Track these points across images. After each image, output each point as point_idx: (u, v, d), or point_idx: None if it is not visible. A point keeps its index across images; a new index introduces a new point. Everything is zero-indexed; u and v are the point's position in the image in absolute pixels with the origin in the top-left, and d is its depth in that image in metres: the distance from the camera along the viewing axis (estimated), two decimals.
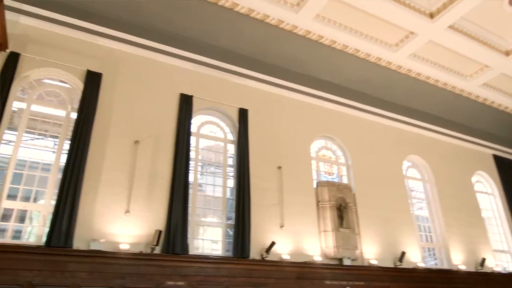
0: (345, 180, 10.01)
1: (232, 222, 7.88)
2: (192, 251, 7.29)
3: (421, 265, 9.60)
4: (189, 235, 7.20)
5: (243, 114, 8.89)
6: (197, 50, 8.85)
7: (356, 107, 10.90)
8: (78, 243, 6.19)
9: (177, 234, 6.92)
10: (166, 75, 8.41)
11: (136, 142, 7.42)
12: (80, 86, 7.36)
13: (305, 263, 7.98)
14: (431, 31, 9.27)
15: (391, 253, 9.32)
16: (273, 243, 7.63)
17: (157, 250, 6.72)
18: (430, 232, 10.84)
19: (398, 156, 11.16)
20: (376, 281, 8.57)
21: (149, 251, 6.65)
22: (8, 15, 6.61)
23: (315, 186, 9.26)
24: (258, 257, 7.60)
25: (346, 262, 8.40)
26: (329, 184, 9.23)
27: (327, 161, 10.19)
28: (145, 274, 6.40)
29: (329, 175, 10.03)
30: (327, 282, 7.97)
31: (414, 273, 9.30)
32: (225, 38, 9.07)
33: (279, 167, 8.82)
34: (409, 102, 11.75)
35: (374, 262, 8.84)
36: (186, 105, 8.21)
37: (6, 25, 6.53)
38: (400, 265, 9.14)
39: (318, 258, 8.20)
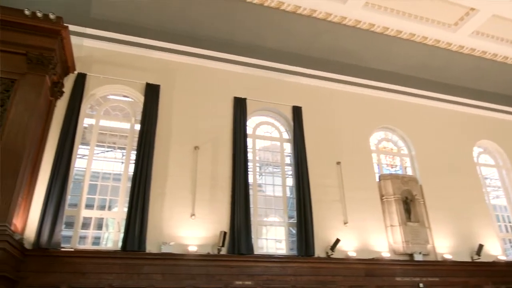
0: (409, 172, 9.54)
1: (294, 220, 7.87)
2: (257, 250, 7.39)
3: (502, 258, 8.86)
4: (253, 235, 7.31)
5: (297, 112, 8.85)
6: (247, 53, 8.98)
7: (416, 94, 10.36)
8: (150, 247, 6.55)
9: (241, 235, 7.06)
10: (219, 81, 8.63)
11: (196, 147, 7.69)
12: (141, 98, 7.79)
13: (373, 259, 7.73)
14: (494, 5, 8.54)
15: (466, 246, 8.71)
16: (337, 240, 7.50)
17: (224, 251, 6.91)
18: (510, 222, 9.97)
19: (467, 142, 10.42)
20: (452, 276, 8.06)
21: (215, 252, 6.86)
22: (73, 40, 7.19)
23: (377, 180, 8.94)
24: (323, 255, 7.51)
25: (417, 257, 7.99)
26: (393, 176, 8.86)
27: (389, 153, 9.79)
28: (214, 275, 6.61)
29: (392, 168, 9.64)
30: (398, 278, 7.66)
31: (495, 266, 8.61)
32: (273, 38, 9.10)
33: (338, 163, 8.64)
34: (474, 84, 10.93)
35: (448, 256, 8.32)
36: (240, 107, 8.36)
37: (72, 49, 7.12)
38: (478, 258, 8.51)
39: (386, 254, 7.91)
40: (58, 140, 6.79)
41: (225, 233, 6.88)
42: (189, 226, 7.01)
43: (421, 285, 7.69)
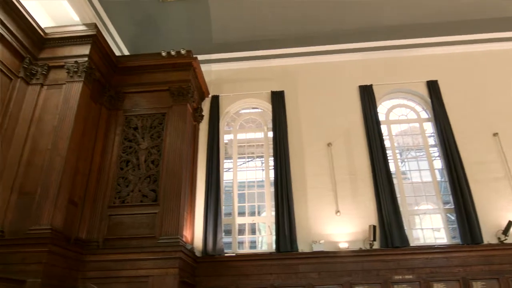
0: None
1: (451, 206, 7.10)
2: (413, 242, 6.90)
3: None
4: (406, 226, 6.86)
5: (432, 86, 8.02)
6: (362, 38, 8.56)
7: None
8: (302, 246, 6.76)
9: (392, 227, 6.71)
10: (340, 73, 8.45)
11: (329, 144, 7.67)
12: (269, 107, 8.18)
13: None
14: None
15: None
16: (510, 223, 6.47)
17: (376, 245, 6.67)
18: None
19: None
20: None
21: (367, 247, 6.67)
22: (203, 67, 8.03)
23: None
24: (494, 241, 6.57)
25: None
26: None
27: None
28: (371, 270, 6.43)
29: None
30: None
31: None
32: (388, 14, 8.43)
33: (495, 134, 7.48)
34: None
35: None
36: (367, 95, 8.01)
37: (204, 75, 7.94)
38: None
39: None
40: (206, 158, 7.63)
41: (374, 226, 6.64)
42: (335, 223, 6.99)
43: None
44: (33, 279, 4.78)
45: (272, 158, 7.64)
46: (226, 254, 6.86)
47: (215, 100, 8.24)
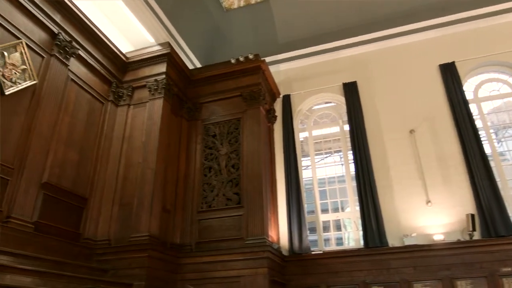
0: None
1: None
2: None
3: None
4: (510, 213, 6.17)
5: None
6: (435, 13, 7.91)
7: None
8: (392, 241, 6.45)
9: (494, 215, 6.08)
10: (415, 54, 7.91)
11: (411, 131, 7.22)
12: (342, 99, 7.97)
13: None
14: None
15: None
16: None
17: (476, 236, 6.11)
18: None
19: None
20: None
21: (466, 238, 6.14)
22: (271, 69, 8.12)
23: None
24: None
25: None
26: None
27: None
28: (472, 263, 5.90)
29: None
30: None
31: None
32: None
33: None
34: None
35: None
36: (450, 74, 7.38)
37: (273, 76, 8.01)
38: None
39: None
40: (284, 158, 7.68)
41: (472, 215, 6.09)
42: (427, 214, 6.56)
43: None
44: (139, 282, 5.26)
45: (351, 152, 7.42)
46: (313, 252, 6.83)
47: (287, 99, 8.27)
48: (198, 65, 8.93)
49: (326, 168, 8.07)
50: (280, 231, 7.15)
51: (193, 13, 8.23)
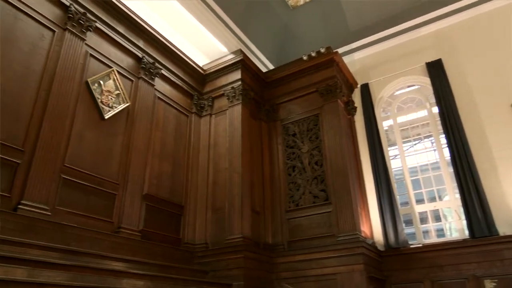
0: None
1: None
2: None
3: None
4: None
5: None
6: None
7: None
8: (503, 229, 5.80)
9: None
10: (510, 19, 7.02)
11: None
12: (427, 80, 7.41)
13: None
14: None
15: None
16: None
17: None
18: None
19: None
20: None
21: None
22: (345, 59, 7.90)
23: None
24: None
25: None
26: None
27: None
28: None
29: None
30: None
31: None
32: None
33: None
34: None
35: None
36: None
37: (348, 67, 7.77)
38: None
39: None
40: (368, 150, 7.38)
41: None
42: None
43: None
44: (237, 282, 5.48)
45: (443, 136, 6.85)
46: (411, 246, 6.45)
47: (365, 88, 7.94)
48: (271, 67, 9.04)
49: (416, 156, 7.56)
50: (373, 226, 6.88)
51: (260, 18, 8.37)
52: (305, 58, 7.41)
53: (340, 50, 8.01)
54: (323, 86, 7.19)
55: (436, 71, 7.25)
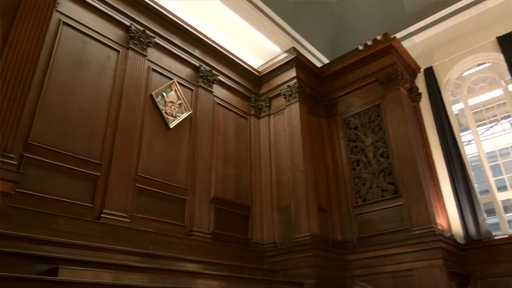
0: None
1: None
2: None
3: None
4: None
5: None
6: None
7: None
8: None
9: None
10: None
11: None
12: (499, 56, 6.78)
13: None
14: None
15: None
16: None
17: None
18: None
19: None
20: None
21: None
22: (405, 44, 7.51)
23: None
24: None
25: None
26: None
27: None
28: None
29: None
30: None
31: None
32: None
33: None
34: None
35: None
36: None
37: (408, 52, 7.37)
38: None
39: None
40: (438, 137, 6.93)
41: None
42: None
43: None
44: (309, 281, 5.44)
45: None
46: (495, 237, 5.93)
47: (429, 72, 7.47)
48: (326, 61, 8.87)
49: (494, 139, 6.94)
50: (449, 218, 6.44)
51: (311, 12, 8.26)
52: (361, 48, 7.17)
53: (398, 35, 7.61)
54: (382, 74, 6.90)
55: (509, 45, 6.60)
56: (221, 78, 6.92)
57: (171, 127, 5.68)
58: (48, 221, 3.80)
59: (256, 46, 7.70)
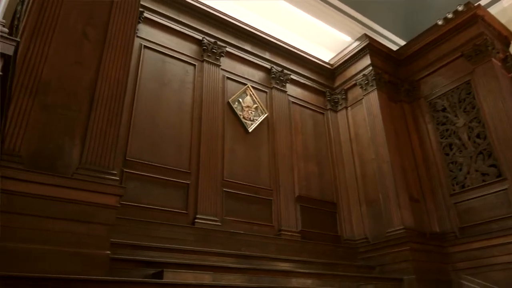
0: None
1: None
2: None
3: None
4: None
5: None
6: None
7: None
8: None
9: None
10: None
11: None
12: None
13: None
14: None
15: None
16: None
17: None
18: None
19: None
20: None
21: None
22: (492, 10, 6.74)
23: None
24: None
25: None
26: None
27: None
28: None
29: None
30: None
31: None
32: None
33: None
34: None
35: None
36: None
37: (497, 18, 6.61)
38: None
39: None
40: None
41: None
42: None
43: None
44: (408, 276, 5.15)
45: None
46: None
47: None
48: (402, 43, 8.34)
49: None
50: None
51: None
52: (440, 22, 6.62)
53: (483, 2, 6.87)
54: (469, 48, 6.28)
55: None
56: (293, 76, 6.92)
57: (250, 131, 5.83)
58: (150, 229, 4.15)
59: (325, 39, 7.56)
